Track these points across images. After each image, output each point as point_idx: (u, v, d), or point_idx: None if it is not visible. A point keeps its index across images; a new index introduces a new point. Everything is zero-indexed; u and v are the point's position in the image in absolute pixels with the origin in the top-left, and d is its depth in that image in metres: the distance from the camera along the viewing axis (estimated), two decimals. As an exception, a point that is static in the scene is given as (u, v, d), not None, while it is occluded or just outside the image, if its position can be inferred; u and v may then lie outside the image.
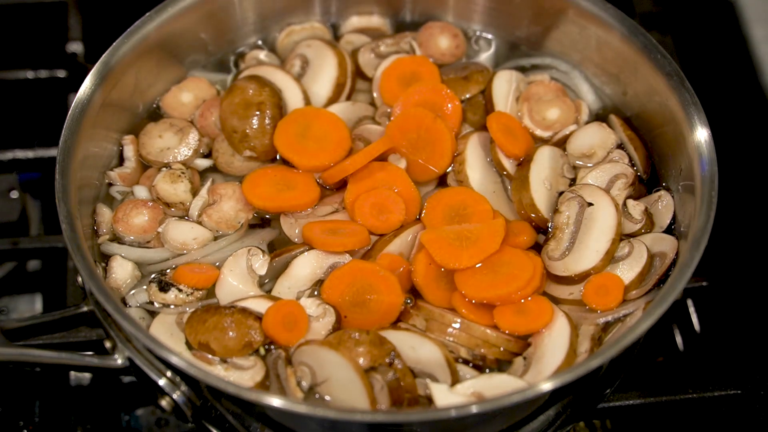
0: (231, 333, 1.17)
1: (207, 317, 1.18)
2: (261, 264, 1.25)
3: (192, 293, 1.23)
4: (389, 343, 1.16)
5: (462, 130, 1.39)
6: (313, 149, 1.32)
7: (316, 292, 1.24)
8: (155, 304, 1.23)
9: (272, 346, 1.18)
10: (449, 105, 1.37)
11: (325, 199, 1.33)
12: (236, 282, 1.24)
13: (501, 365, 1.20)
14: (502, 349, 1.20)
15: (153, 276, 1.25)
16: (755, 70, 1.74)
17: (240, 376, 1.15)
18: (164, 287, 1.23)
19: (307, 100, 1.40)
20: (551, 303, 1.22)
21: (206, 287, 1.24)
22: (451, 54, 1.47)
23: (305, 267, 1.26)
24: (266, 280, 1.26)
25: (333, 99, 1.42)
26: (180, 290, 1.23)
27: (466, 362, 1.19)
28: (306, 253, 1.26)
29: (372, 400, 1.12)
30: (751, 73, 1.74)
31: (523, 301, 1.22)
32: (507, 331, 1.20)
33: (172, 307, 1.22)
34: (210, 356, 1.16)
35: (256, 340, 1.17)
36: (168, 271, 1.26)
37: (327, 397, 1.14)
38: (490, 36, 1.51)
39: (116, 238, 1.29)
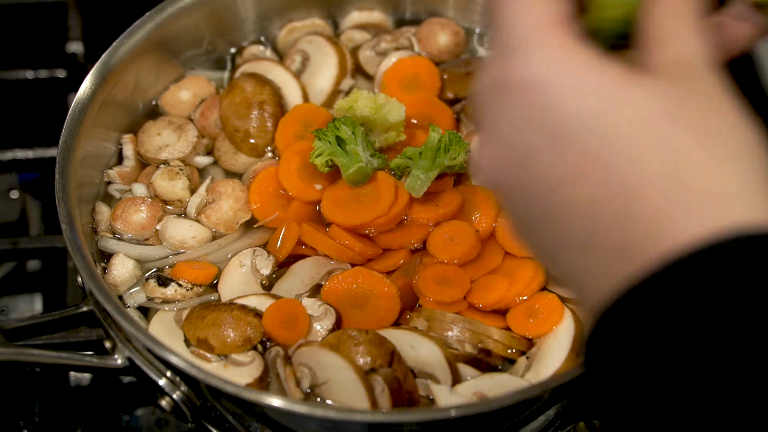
0: (230, 329, 1.17)
1: (206, 313, 1.18)
2: (266, 264, 1.25)
3: (192, 288, 1.23)
4: (389, 342, 1.16)
5: (464, 129, 1.39)
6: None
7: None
8: (154, 300, 1.23)
9: (269, 343, 1.19)
10: (443, 120, 1.37)
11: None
12: (239, 281, 1.24)
13: (504, 363, 1.20)
14: (509, 351, 1.20)
15: (150, 272, 1.25)
16: (755, 70, 1.74)
17: (239, 372, 1.15)
18: (164, 282, 1.23)
19: (306, 97, 1.41)
20: (562, 303, 1.22)
21: (205, 283, 1.24)
22: (450, 51, 1.47)
23: (304, 271, 1.26)
24: (268, 282, 1.26)
25: (333, 96, 1.42)
26: (180, 285, 1.23)
27: (468, 361, 1.19)
28: (306, 258, 1.26)
29: (372, 402, 1.12)
30: (751, 73, 1.74)
31: (523, 298, 1.22)
32: (520, 334, 1.21)
33: (170, 306, 1.22)
34: (208, 353, 1.17)
35: (255, 337, 1.17)
36: (166, 267, 1.26)
37: (328, 400, 1.14)
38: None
39: (115, 236, 1.29)
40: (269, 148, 1.37)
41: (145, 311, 1.24)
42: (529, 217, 0.73)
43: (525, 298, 1.22)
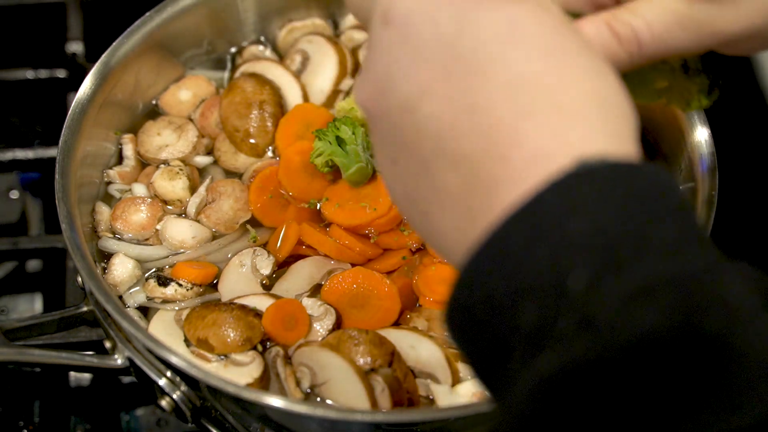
0: (230, 329, 1.17)
1: (206, 313, 1.18)
2: (266, 264, 1.25)
3: (192, 288, 1.23)
4: (389, 342, 1.16)
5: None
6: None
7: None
8: (154, 300, 1.23)
9: (269, 343, 1.19)
10: None
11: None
12: (239, 281, 1.24)
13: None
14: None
15: (150, 272, 1.25)
16: (755, 70, 1.74)
17: (239, 372, 1.15)
18: (164, 282, 1.23)
19: (306, 97, 1.41)
20: None
21: (205, 283, 1.24)
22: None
23: (304, 271, 1.26)
24: (268, 282, 1.26)
25: (333, 96, 1.42)
26: (180, 284, 1.23)
27: (467, 361, 1.19)
28: (306, 258, 1.26)
29: (373, 402, 1.12)
30: (751, 73, 1.74)
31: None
32: None
33: (170, 306, 1.22)
34: (208, 353, 1.17)
35: (255, 337, 1.17)
36: (166, 267, 1.26)
37: (328, 400, 1.14)
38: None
39: (115, 236, 1.29)
40: (269, 148, 1.37)
41: (145, 311, 1.24)
42: (391, 151, 0.72)
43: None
